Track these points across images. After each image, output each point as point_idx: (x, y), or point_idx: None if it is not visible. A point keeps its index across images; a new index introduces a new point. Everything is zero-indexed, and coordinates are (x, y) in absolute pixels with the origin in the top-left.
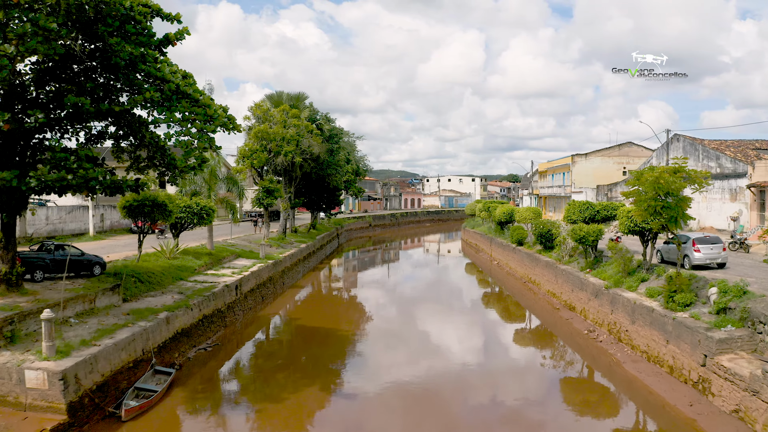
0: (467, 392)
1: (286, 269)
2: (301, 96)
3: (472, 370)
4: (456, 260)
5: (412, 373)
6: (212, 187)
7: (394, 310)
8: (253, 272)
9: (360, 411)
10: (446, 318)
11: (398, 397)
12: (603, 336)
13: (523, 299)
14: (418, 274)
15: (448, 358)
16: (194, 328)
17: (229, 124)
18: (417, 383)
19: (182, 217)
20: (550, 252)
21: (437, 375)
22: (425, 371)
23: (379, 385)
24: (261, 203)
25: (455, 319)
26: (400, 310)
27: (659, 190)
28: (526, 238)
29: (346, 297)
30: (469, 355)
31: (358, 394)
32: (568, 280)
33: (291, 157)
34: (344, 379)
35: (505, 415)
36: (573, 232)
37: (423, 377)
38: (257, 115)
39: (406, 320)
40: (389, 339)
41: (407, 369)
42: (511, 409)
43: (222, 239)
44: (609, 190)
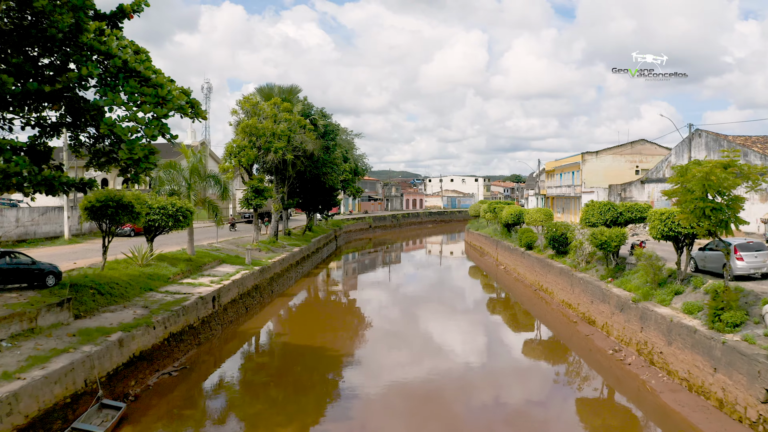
0: (475, 401)
1: (275, 276)
2: (293, 89)
3: (480, 383)
4: (460, 264)
5: (415, 389)
6: (192, 186)
7: (394, 316)
8: (236, 281)
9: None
10: (450, 326)
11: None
12: (632, 357)
13: (534, 309)
14: (420, 278)
15: (453, 371)
16: (157, 350)
17: (188, 109)
18: (419, 397)
19: (156, 219)
20: (564, 257)
21: (442, 382)
22: (428, 378)
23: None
24: (249, 204)
25: (459, 326)
26: (400, 315)
27: (709, 188)
28: (535, 242)
29: (341, 305)
30: (477, 366)
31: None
32: (586, 290)
33: (282, 154)
34: (329, 416)
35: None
36: (593, 236)
37: (427, 390)
38: (246, 109)
39: (406, 328)
40: (388, 349)
41: (409, 382)
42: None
43: (208, 243)
44: (623, 190)
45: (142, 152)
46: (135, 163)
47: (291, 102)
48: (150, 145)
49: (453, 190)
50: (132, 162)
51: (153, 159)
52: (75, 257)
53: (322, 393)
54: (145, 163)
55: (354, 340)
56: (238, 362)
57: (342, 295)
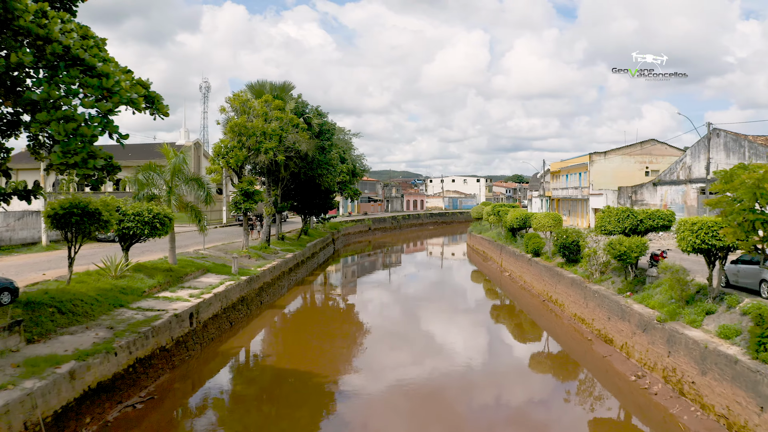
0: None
1: (265, 285)
2: (286, 86)
3: (486, 396)
4: (462, 269)
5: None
6: (173, 189)
7: (393, 324)
8: (219, 293)
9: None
10: (452, 335)
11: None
12: (657, 386)
13: (542, 321)
14: (421, 283)
15: (455, 385)
16: (120, 379)
17: (141, 103)
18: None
19: (130, 227)
20: (574, 266)
21: (446, 398)
22: (431, 384)
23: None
24: (238, 208)
25: (463, 336)
26: (400, 323)
27: (761, 198)
28: (543, 248)
29: (336, 315)
30: (482, 377)
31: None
32: (602, 304)
33: (273, 154)
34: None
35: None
36: (611, 246)
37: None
38: (235, 107)
39: (405, 337)
40: (384, 363)
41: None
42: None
43: (194, 249)
44: (633, 193)
45: (80, 156)
46: (70, 167)
47: (283, 99)
48: (92, 147)
49: (454, 191)
50: (66, 166)
51: (94, 163)
52: (47, 267)
53: (317, 407)
54: (83, 169)
55: (346, 358)
56: (219, 385)
57: (337, 304)
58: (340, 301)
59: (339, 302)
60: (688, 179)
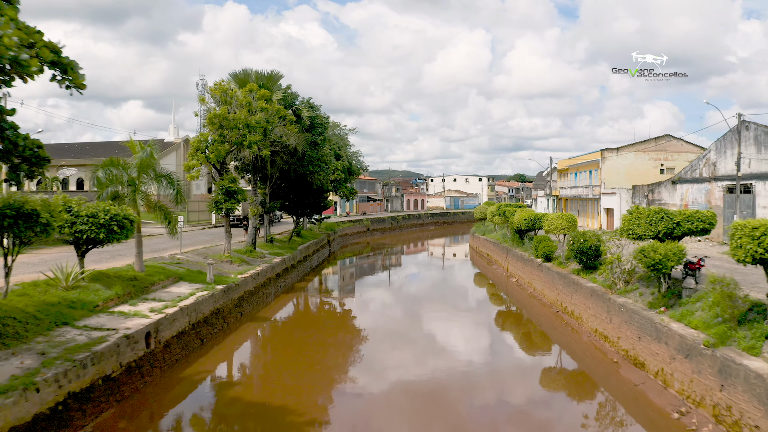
0: None
1: (246, 294)
2: (274, 75)
3: (493, 410)
4: (465, 273)
5: None
6: (138, 188)
7: (390, 335)
8: (186, 307)
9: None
10: (456, 344)
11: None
12: (707, 427)
13: (556, 335)
14: (421, 287)
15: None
16: (44, 421)
17: (33, 66)
18: None
19: (83, 230)
20: (592, 274)
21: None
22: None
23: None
24: (218, 208)
25: (468, 347)
26: (398, 334)
27: None
28: (554, 252)
29: (327, 325)
30: (489, 392)
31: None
32: (630, 321)
33: (257, 149)
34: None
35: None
36: (643, 253)
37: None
38: (216, 96)
39: (403, 348)
40: (379, 380)
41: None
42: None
43: (170, 254)
44: (650, 192)
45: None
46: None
47: (270, 89)
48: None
49: (456, 190)
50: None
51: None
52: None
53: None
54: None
55: (336, 378)
56: (176, 417)
57: (328, 313)
58: (331, 309)
59: (331, 310)
60: (713, 176)
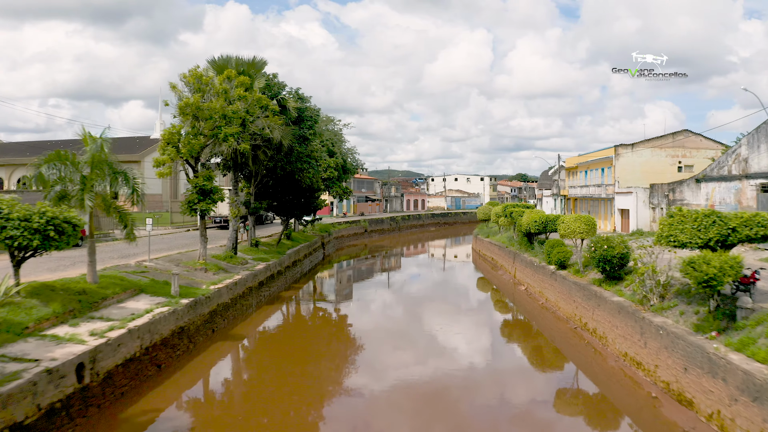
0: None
1: (220, 307)
2: (257, 62)
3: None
4: (467, 279)
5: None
6: (88, 186)
7: (389, 350)
8: (137, 328)
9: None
10: (458, 353)
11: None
12: None
13: (574, 355)
14: (421, 295)
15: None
16: None
17: None
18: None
19: (15, 236)
20: (617, 285)
21: None
22: None
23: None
24: (191, 209)
25: (472, 370)
26: (397, 350)
27: None
28: (570, 259)
29: (313, 342)
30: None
31: None
32: (672, 347)
33: (234, 142)
34: None
35: None
36: (691, 266)
37: None
38: (191, 84)
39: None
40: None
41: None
42: None
43: (137, 261)
44: (670, 191)
45: None
46: None
47: (251, 77)
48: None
49: (457, 190)
50: None
51: None
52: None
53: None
54: None
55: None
56: None
57: (316, 328)
58: (320, 322)
59: (319, 323)
60: (744, 174)
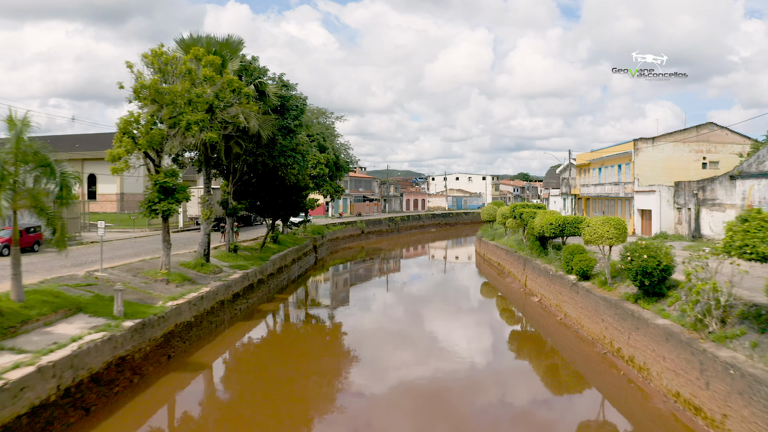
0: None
1: (179, 329)
2: (231, 42)
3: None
4: (472, 287)
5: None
6: (7, 180)
7: (384, 359)
8: (49, 366)
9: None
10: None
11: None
12: None
13: (600, 383)
14: (420, 305)
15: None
16: None
17: None
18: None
19: None
20: (657, 303)
21: None
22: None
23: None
24: (152, 210)
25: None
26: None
27: None
28: (593, 268)
29: (299, 364)
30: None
31: None
32: (751, 395)
33: (199, 131)
34: None
35: None
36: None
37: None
38: (154, 65)
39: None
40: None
41: None
42: None
43: (87, 270)
44: (700, 189)
45: None
46: None
47: (224, 57)
48: None
49: (458, 189)
50: None
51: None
52: None
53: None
54: None
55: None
56: None
57: (301, 345)
58: (306, 337)
59: (304, 338)
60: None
